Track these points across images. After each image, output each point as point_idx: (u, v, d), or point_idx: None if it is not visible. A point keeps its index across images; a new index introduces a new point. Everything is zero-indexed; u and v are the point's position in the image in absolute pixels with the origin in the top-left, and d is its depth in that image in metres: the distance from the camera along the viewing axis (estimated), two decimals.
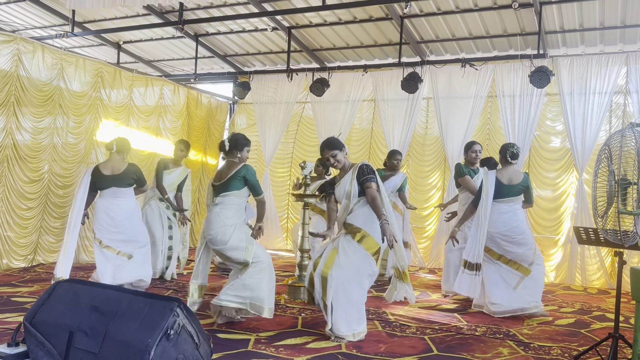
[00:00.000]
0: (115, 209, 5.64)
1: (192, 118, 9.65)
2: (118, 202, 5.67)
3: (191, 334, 3.05)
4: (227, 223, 4.60)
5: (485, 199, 5.37)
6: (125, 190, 5.74)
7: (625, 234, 2.99)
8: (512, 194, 5.43)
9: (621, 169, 3.00)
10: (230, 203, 4.66)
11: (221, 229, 4.58)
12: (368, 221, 4.37)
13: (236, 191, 4.65)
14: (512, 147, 5.51)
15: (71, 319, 3.07)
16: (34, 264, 7.08)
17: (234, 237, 4.58)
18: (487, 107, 8.63)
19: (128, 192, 5.78)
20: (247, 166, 4.71)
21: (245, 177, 4.65)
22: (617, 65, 7.53)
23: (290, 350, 4.01)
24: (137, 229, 5.79)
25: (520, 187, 5.47)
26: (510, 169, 5.53)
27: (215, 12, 8.30)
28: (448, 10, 7.48)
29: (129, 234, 5.66)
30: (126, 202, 5.72)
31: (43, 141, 7.11)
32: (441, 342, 4.38)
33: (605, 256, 7.57)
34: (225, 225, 4.59)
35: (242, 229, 4.68)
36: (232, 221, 4.62)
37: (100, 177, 5.66)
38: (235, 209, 4.68)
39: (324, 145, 4.54)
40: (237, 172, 4.64)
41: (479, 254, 5.34)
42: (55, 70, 7.18)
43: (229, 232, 4.58)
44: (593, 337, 4.72)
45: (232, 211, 4.66)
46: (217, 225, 4.60)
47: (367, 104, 9.65)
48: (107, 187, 5.66)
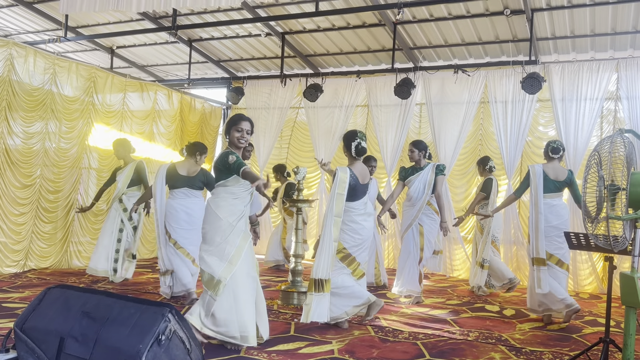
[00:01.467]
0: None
1: (185, 123, 9.65)
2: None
3: (183, 340, 3.04)
4: (220, 216, 4.16)
5: (535, 193, 5.34)
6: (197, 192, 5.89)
7: (614, 239, 3.01)
8: (557, 189, 5.46)
9: (611, 174, 3.03)
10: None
11: (212, 223, 4.19)
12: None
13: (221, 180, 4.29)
14: (553, 142, 5.54)
15: (62, 324, 3.05)
16: (25, 270, 7.04)
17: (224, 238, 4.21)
18: (479, 113, 8.68)
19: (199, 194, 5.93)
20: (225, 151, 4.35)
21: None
22: (608, 72, 7.60)
23: (282, 355, 4.00)
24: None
25: (565, 183, 5.49)
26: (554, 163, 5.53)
27: (209, 17, 8.32)
28: (441, 16, 7.53)
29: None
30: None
31: (34, 146, 7.09)
32: (433, 347, 4.39)
33: (597, 261, 7.62)
34: (218, 218, 4.17)
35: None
36: (224, 214, 4.18)
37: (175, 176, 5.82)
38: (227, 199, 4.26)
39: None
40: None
41: (542, 247, 5.30)
42: (48, 75, 7.17)
43: (220, 230, 4.19)
44: (584, 341, 4.74)
45: (225, 202, 4.23)
46: (208, 218, 4.27)
47: (361, 109, 9.68)
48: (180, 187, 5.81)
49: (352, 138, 4.83)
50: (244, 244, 4.14)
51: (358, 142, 4.80)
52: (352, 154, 4.83)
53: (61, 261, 7.52)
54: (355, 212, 4.83)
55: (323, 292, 4.55)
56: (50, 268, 7.33)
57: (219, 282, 3.99)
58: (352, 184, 4.74)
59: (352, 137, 4.83)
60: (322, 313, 4.58)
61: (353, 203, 4.82)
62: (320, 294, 4.55)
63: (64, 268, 7.49)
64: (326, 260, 4.58)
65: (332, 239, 4.62)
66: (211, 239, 4.10)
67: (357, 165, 4.90)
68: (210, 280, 4.03)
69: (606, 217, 2.96)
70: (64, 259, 7.55)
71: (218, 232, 4.08)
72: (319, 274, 4.56)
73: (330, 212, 4.65)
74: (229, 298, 4.02)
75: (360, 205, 4.88)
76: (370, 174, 6.81)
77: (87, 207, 7.18)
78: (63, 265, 7.53)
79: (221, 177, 4.18)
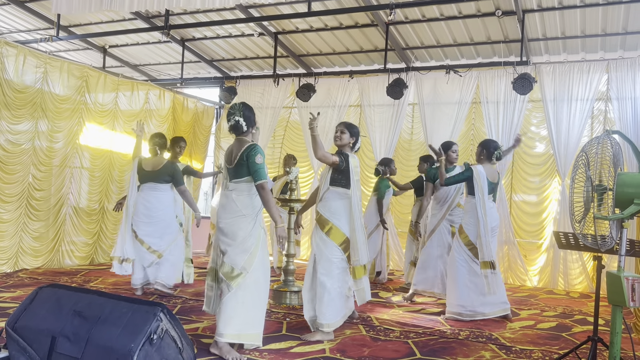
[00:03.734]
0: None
1: (177, 123, 9.64)
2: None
3: (174, 339, 3.05)
4: (243, 212, 4.00)
5: (481, 196, 5.35)
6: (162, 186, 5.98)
7: (602, 239, 3.05)
8: (492, 191, 5.53)
9: (598, 175, 3.07)
10: (243, 189, 4.06)
11: (235, 219, 4.01)
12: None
13: (247, 177, 4.04)
14: (498, 148, 5.57)
15: (53, 324, 3.06)
16: (17, 269, 7.02)
17: (247, 231, 3.99)
18: (471, 113, 8.73)
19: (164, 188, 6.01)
20: (256, 146, 4.10)
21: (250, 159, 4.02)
22: (598, 73, 7.67)
23: (274, 354, 4.02)
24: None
25: (496, 185, 5.59)
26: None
27: (201, 17, 8.32)
28: (433, 17, 7.56)
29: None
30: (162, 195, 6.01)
31: (24, 144, 7.07)
32: (424, 346, 4.42)
33: (587, 260, 7.68)
34: (241, 214, 4.00)
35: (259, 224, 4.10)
36: (248, 211, 4.02)
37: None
38: (249, 196, 4.07)
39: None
40: (242, 153, 4.04)
41: (493, 251, 5.36)
42: (39, 73, 7.15)
43: (243, 225, 4.00)
44: (574, 340, 4.79)
45: (248, 199, 4.05)
46: (231, 214, 4.03)
47: (354, 109, 9.71)
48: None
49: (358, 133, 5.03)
50: (264, 238, 4.12)
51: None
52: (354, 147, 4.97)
53: (53, 260, 7.50)
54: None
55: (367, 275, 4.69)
56: (42, 267, 7.31)
57: (240, 274, 3.92)
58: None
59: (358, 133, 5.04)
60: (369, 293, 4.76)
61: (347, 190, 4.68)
62: (366, 276, 4.69)
63: (55, 267, 7.48)
64: (365, 245, 4.63)
65: (362, 225, 4.66)
66: (234, 234, 4.00)
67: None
68: (229, 272, 3.94)
69: (593, 216, 3.00)
70: (55, 258, 7.53)
71: (241, 227, 3.99)
72: (365, 259, 4.62)
73: (356, 198, 4.62)
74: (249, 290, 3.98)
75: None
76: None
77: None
78: (55, 264, 7.51)
79: (245, 173, 4.05)
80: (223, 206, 4.10)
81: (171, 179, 5.93)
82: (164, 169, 5.90)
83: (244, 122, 4.14)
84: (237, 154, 4.05)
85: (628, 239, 3.16)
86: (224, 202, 4.11)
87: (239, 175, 4.04)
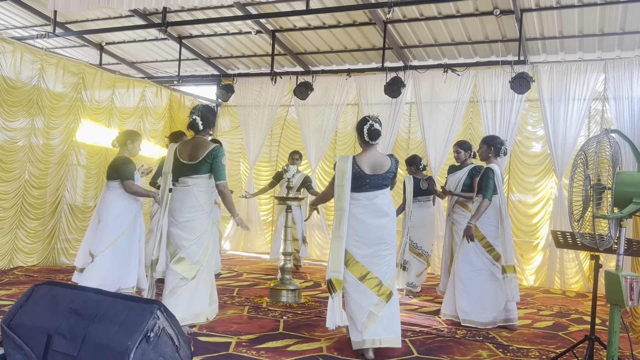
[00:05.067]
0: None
1: (174, 120, 9.61)
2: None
3: (171, 337, 3.03)
4: (204, 208, 4.31)
5: (502, 194, 5.17)
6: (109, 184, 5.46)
7: (600, 238, 3.05)
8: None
9: (596, 174, 3.06)
10: (202, 185, 4.34)
11: (196, 215, 4.26)
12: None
13: (208, 174, 4.33)
14: (503, 143, 5.41)
15: (49, 321, 3.03)
16: (12, 267, 6.98)
17: (205, 227, 4.31)
18: (468, 112, 8.73)
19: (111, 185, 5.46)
20: (219, 147, 4.36)
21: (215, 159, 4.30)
22: (596, 72, 7.68)
23: (271, 353, 4.01)
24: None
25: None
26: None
27: (199, 14, 8.28)
28: (431, 16, 7.56)
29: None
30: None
31: (19, 141, 7.02)
32: (421, 345, 4.42)
33: (584, 260, 7.70)
34: (200, 208, 4.29)
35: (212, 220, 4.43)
36: (205, 210, 4.33)
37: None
38: (207, 193, 4.38)
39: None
40: (208, 153, 4.28)
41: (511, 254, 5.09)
42: (36, 70, 7.11)
43: (201, 222, 4.28)
44: (571, 339, 4.80)
45: (206, 196, 4.36)
46: (189, 211, 4.26)
47: (351, 107, 9.70)
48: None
49: (364, 122, 4.30)
50: (216, 234, 4.53)
51: (370, 124, 4.25)
52: (364, 138, 4.26)
53: (48, 258, 7.46)
54: (356, 203, 4.22)
55: (333, 294, 4.03)
56: (37, 265, 7.28)
57: (196, 268, 4.27)
58: (355, 173, 4.20)
59: (363, 122, 4.31)
60: (334, 319, 4.04)
61: (356, 193, 4.22)
62: (331, 297, 4.04)
63: (51, 265, 7.44)
64: (333, 259, 4.10)
65: (336, 235, 4.15)
66: (192, 229, 4.29)
67: (368, 153, 4.29)
68: (187, 267, 4.26)
69: (592, 215, 2.99)
70: (51, 256, 7.49)
71: (201, 222, 4.32)
72: (328, 275, 4.10)
73: (335, 206, 4.22)
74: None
75: (363, 197, 4.22)
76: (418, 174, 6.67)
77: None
78: (50, 262, 7.48)
79: (208, 169, 4.33)
80: (181, 200, 4.31)
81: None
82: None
83: (200, 121, 4.36)
84: (202, 152, 4.28)
85: (625, 238, 3.16)
86: (182, 196, 4.31)
87: (200, 172, 4.31)
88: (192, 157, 4.31)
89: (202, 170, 4.30)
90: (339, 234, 4.13)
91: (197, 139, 4.42)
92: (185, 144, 4.47)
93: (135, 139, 5.49)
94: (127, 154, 5.44)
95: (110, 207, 5.34)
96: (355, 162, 4.20)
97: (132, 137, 5.48)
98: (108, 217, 5.31)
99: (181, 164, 4.35)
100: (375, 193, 4.22)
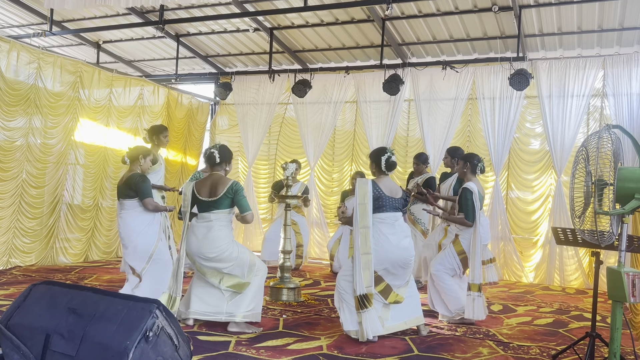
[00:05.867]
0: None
1: (171, 119, 9.57)
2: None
3: (170, 336, 3.01)
4: (227, 240, 4.54)
5: (478, 212, 5.03)
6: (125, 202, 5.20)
7: (601, 234, 3.03)
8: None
9: (598, 170, 3.04)
10: (224, 220, 4.58)
11: (224, 247, 4.50)
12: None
13: (229, 209, 4.57)
14: (480, 160, 5.32)
15: (48, 321, 3.01)
16: (10, 267, 6.95)
17: (237, 252, 4.58)
18: (467, 109, 8.71)
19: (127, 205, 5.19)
20: (237, 182, 4.61)
21: (236, 194, 4.54)
22: (595, 69, 7.66)
23: (271, 351, 3.99)
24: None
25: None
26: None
27: (196, 12, 8.25)
28: (429, 12, 7.53)
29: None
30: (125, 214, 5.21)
31: (17, 141, 6.99)
32: (422, 343, 4.40)
33: (583, 257, 7.69)
34: (225, 240, 4.53)
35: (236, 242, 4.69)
36: (230, 238, 4.59)
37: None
38: (229, 225, 4.64)
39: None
40: (229, 188, 4.51)
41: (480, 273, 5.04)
42: (33, 69, 7.07)
43: (230, 249, 4.54)
44: (571, 336, 4.78)
45: (228, 228, 4.61)
46: (218, 245, 4.49)
47: (350, 105, 9.68)
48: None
49: (382, 152, 4.61)
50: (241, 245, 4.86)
51: (388, 155, 4.58)
52: (381, 168, 4.58)
53: (47, 258, 7.43)
54: (382, 223, 4.48)
55: (367, 308, 4.32)
56: (36, 265, 7.25)
57: (247, 283, 4.66)
58: (376, 194, 4.48)
59: (381, 152, 4.63)
60: (375, 328, 4.36)
61: (380, 214, 4.48)
62: (366, 311, 4.32)
63: (49, 265, 7.42)
64: (361, 275, 4.34)
65: (360, 252, 4.38)
66: (228, 258, 4.58)
67: (384, 179, 4.61)
68: (239, 284, 4.62)
69: (594, 212, 2.97)
70: (49, 255, 7.47)
71: (232, 251, 4.61)
72: (358, 290, 4.33)
73: (356, 224, 4.43)
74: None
75: (387, 217, 4.50)
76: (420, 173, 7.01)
77: None
78: (49, 262, 7.45)
79: (228, 204, 4.61)
80: (205, 237, 4.50)
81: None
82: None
83: (217, 154, 4.64)
84: (222, 188, 4.51)
85: (627, 234, 3.14)
86: (206, 233, 4.51)
87: (221, 207, 4.53)
88: (212, 194, 4.53)
89: (223, 205, 4.52)
90: (367, 250, 4.37)
91: (214, 175, 4.64)
92: (202, 182, 4.66)
93: (147, 154, 5.27)
94: (139, 170, 5.20)
95: (133, 227, 5.07)
96: (375, 184, 4.52)
97: (144, 153, 5.25)
98: (133, 237, 5.05)
99: (200, 201, 4.56)
100: (396, 215, 4.56)
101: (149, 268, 5.08)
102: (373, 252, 4.38)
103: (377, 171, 4.64)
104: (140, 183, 5.07)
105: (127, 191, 5.09)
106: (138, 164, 5.22)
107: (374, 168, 4.67)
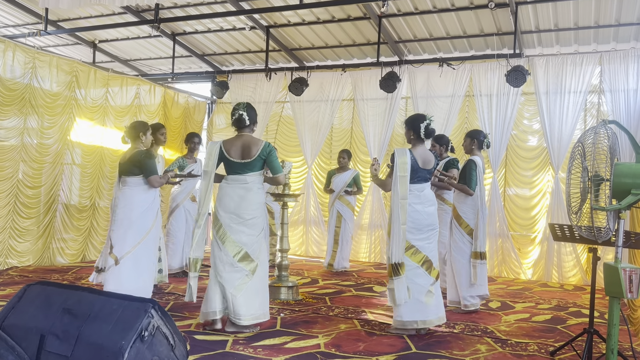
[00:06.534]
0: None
1: (168, 118, 9.55)
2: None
3: (166, 336, 2.99)
4: (261, 203, 4.51)
5: (481, 186, 5.48)
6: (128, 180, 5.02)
7: (598, 230, 3.02)
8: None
9: (594, 165, 3.03)
10: (258, 182, 4.53)
11: (260, 211, 4.47)
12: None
13: (261, 170, 4.53)
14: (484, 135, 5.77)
15: (42, 322, 2.99)
16: (7, 267, 6.93)
17: (264, 223, 4.53)
18: (464, 106, 8.70)
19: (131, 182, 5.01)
20: (269, 143, 4.57)
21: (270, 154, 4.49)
22: (591, 65, 7.66)
23: (268, 350, 3.98)
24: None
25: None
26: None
27: (192, 10, 8.22)
28: (425, 9, 7.51)
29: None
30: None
31: (12, 140, 6.96)
32: (420, 340, 4.39)
33: (581, 253, 7.69)
34: (262, 205, 4.52)
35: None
36: (263, 200, 4.58)
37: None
38: (263, 188, 4.60)
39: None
40: (263, 149, 4.44)
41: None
42: (28, 69, 7.04)
43: (263, 215, 4.50)
44: (569, 332, 4.78)
45: (263, 191, 4.57)
46: (256, 208, 4.43)
47: (347, 103, 9.66)
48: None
49: (422, 118, 4.64)
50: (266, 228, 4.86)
51: (428, 122, 4.61)
52: (420, 135, 4.60)
53: (43, 258, 7.41)
54: (410, 194, 4.52)
55: (400, 276, 4.43)
56: (32, 265, 7.23)
57: (255, 264, 4.53)
58: (413, 166, 4.52)
59: (420, 118, 4.66)
60: (402, 296, 4.46)
61: (410, 185, 4.54)
62: (398, 278, 4.44)
63: (46, 265, 7.39)
64: (398, 244, 4.45)
65: (399, 222, 4.45)
66: (255, 225, 4.51)
67: (420, 148, 4.64)
68: (248, 261, 4.48)
69: (590, 207, 2.96)
70: (46, 255, 7.44)
71: (263, 218, 4.58)
72: (393, 259, 4.46)
73: (396, 195, 4.48)
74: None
75: (416, 188, 4.55)
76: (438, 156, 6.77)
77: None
78: (45, 262, 7.43)
79: (261, 166, 4.56)
80: (243, 198, 4.40)
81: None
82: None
83: (246, 116, 4.53)
84: (255, 149, 4.42)
85: (624, 230, 3.13)
86: (244, 194, 4.41)
87: (255, 169, 4.46)
88: (246, 155, 4.43)
89: (257, 167, 4.46)
90: (402, 222, 4.45)
91: (244, 136, 4.54)
92: (230, 141, 4.51)
93: (146, 129, 5.13)
94: (142, 147, 5.06)
95: (134, 204, 4.87)
96: (412, 155, 4.53)
97: (143, 129, 5.12)
98: (132, 215, 4.84)
99: (231, 162, 4.45)
100: (423, 185, 4.63)
101: (128, 259, 4.78)
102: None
103: (415, 138, 4.65)
104: (146, 159, 4.90)
105: (132, 168, 4.92)
106: (140, 142, 5.10)
107: (412, 135, 4.66)
